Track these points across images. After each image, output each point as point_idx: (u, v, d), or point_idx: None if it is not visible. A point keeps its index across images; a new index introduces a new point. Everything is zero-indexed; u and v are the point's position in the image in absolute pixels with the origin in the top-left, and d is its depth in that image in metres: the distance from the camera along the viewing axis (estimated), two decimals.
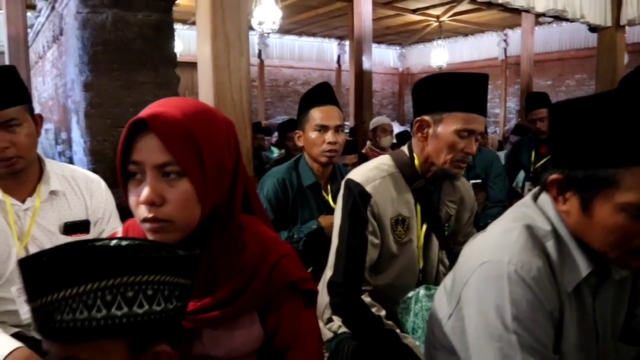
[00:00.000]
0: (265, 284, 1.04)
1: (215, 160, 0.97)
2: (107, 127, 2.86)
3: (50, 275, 0.66)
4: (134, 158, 0.94)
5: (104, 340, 0.67)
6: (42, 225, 1.59)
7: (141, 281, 0.68)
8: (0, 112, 1.45)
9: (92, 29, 2.88)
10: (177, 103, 0.98)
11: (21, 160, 1.51)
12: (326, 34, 13.44)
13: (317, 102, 2.21)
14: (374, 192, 1.58)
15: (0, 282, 1.54)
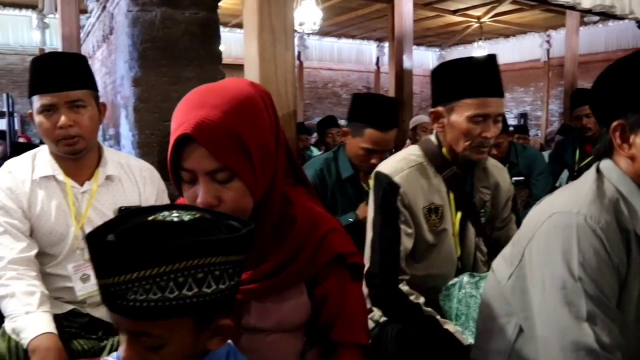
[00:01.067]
0: (312, 256, 1.07)
1: (262, 150, 0.99)
2: (154, 121, 2.95)
3: (124, 257, 0.68)
4: (185, 166, 0.97)
5: (172, 318, 0.71)
6: (98, 208, 1.66)
7: (210, 263, 0.70)
8: (69, 92, 1.55)
9: (141, 26, 2.97)
10: (215, 100, 0.96)
11: (82, 140, 1.58)
12: (365, 35, 13.45)
13: (378, 123, 2.18)
14: (402, 182, 1.59)
15: (57, 259, 1.62)
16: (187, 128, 0.93)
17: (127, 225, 0.74)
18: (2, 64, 10.82)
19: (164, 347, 0.72)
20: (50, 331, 1.41)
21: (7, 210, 1.55)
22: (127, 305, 0.68)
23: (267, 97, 1.05)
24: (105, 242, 0.70)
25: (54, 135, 1.56)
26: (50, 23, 10.35)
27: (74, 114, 1.56)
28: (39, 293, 1.48)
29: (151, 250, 0.67)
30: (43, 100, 1.55)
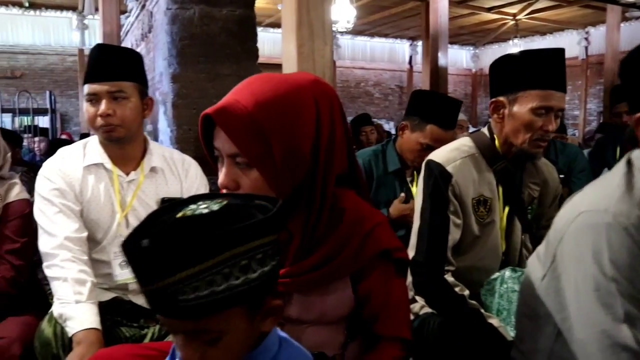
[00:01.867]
0: (358, 250, 1.07)
1: (289, 148, 0.98)
2: (192, 116, 2.99)
3: (164, 260, 0.66)
4: (214, 144, 1.01)
5: (224, 310, 0.70)
6: (142, 198, 1.70)
7: (251, 248, 0.70)
8: (112, 82, 1.61)
9: (180, 23, 3.02)
10: (257, 88, 0.98)
11: (120, 129, 1.63)
12: (398, 34, 13.37)
13: (443, 121, 2.19)
14: (455, 172, 1.57)
15: (101, 245, 1.66)
16: (212, 109, 0.96)
17: (159, 226, 0.72)
18: (44, 64, 11.14)
19: (222, 339, 0.72)
20: (95, 327, 1.45)
21: (62, 192, 1.61)
22: (178, 307, 0.67)
23: (325, 99, 1.04)
24: (142, 249, 0.67)
25: (95, 123, 1.63)
26: (89, 24, 10.63)
27: (114, 104, 1.62)
28: (90, 283, 1.52)
29: (191, 248, 0.66)
30: (89, 89, 1.63)
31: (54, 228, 1.57)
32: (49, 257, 1.55)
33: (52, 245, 1.55)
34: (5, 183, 1.81)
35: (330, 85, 1.10)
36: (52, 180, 1.62)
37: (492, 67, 1.63)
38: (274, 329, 0.82)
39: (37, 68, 11.07)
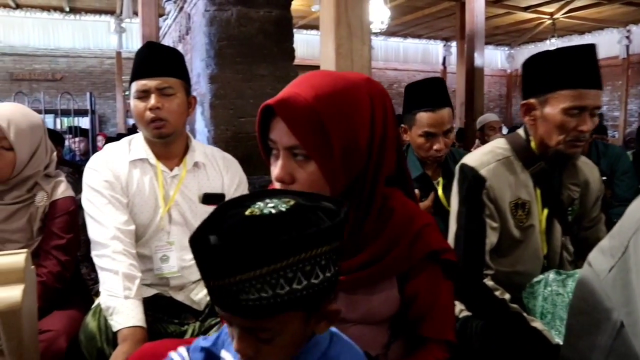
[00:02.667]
0: (406, 251, 1.06)
1: (346, 143, 0.98)
2: (229, 117, 3.03)
3: (232, 260, 0.67)
4: (270, 136, 1.01)
5: (285, 312, 0.71)
6: (184, 193, 1.72)
7: (317, 254, 0.70)
8: (161, 78, 1.65)
9: (218, 25, 3.06)
10: (317, 82, 0.99)
11: (168, 124, 1.66)
12: (432, 35, 13.27)
13: (426, 103, 2.14)
14: (489, 176, 1.55)
15: (143, 239, 1.69)
16: (274, 100, 0.97)
17: (227, 223, 0.73)
18: (83, 67, 11.44)
19: (277, 337, 0.73)
20: (141, 325, 1.47)
21: (111, 184, 1.65)
22: (240, 305, 0.68)
23: (379, 97, 1.04)
24: (210, 247, 0.69)
25: (145, 118, 1.65)
26: (126, 27, 10.87)
27: (163, 99, 1.65)
28: (138, 279, 1.55)
29: (258, 250, 0.66)
30: (138, 85, 1.66)
31: (104, 218, 1.60)
32: (99, 247, 1.58)
33: (104, 235, 1.58)
34: (52, 181, 1.85)
35: (382, 85, 1.10)
36: (100, 172, 1.66)
37: (522, 68, 1.60)
38: None
39: (77, 71, 11.38)
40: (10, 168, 1.73)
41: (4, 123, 1.70)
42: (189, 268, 1.72)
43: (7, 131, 1.69)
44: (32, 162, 1.78)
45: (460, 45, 8.56)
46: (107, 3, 10.12)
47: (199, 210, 1.73)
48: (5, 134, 1.69)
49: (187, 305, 1.72)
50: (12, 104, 1.85)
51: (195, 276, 1.74)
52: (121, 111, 10.59)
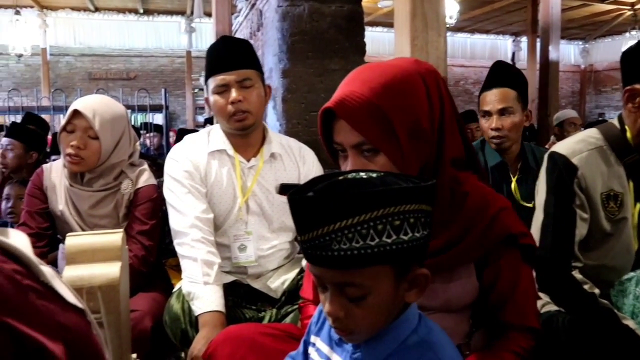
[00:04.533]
0: (483, 235, 1.04)
1: (410, 128, 0.98)
2: (301, 111, 3.06)
3: (326, 209, 0.71)
4: (335, 139, 1.02)
5: (375, 266, 0.73)
6: (261, 183, 1.76)
7: (405, 210, 0.72)
8: (239, 71, 1.67)
9: (290, 20, 3.10)
10: (367, 76, 0.99)
11: (250, 116, 1.69)
12: (500, 30, 12.90)
13: (486, 86, 2.18)
14: (581, 165, 1.49)
15: (222, 228, 1.74)
16: (331, 103, 0.98)
17: (322, 184, 0.78)
18: (155, 66, 11.89)
19: (367, 297, 0.75)
20: (221, 310, 1.52)
21: (190, 174, 1.70)
22: (332, 256, 0.71)
23: (430, 76, 1.04)
24: (308, 198, 0.74)
25: (227, 112, 1.68)
26: (196, 27, 11.20)
27: (243, 91, 1.68)
28: (217, 265, 1.60)
29: (351, 200, 0.70)
30: (217, 80, 1.68)
31: (184, 207, 1.66)
32: (180, 235, 1.64)
33: (184, 223, 1.64)
34: (136, 169, 1.94)
35: (429, 63, 1.09)
36: (180, 162, 1.72)
37: (626, 55, 1.52)
38: (413, 304, 0.82)
39: (149, 70, 11.84)
40: (97, 156, 1.82)
41: (90, 113, 1.79)
42: (266, 257, 1.75)
43: (92, 121, 1.79)
44: (117, 151, 1.88)
45: (531, 40, 8.29)
46: (178, 4, 10.46)
47: (276, 200, 1.76)
48: (91, 123, 1.79)
49: (264, 293, 1.75)
50: (97, 96, 1.95)
51: (272, 265, 1.78)
52: (190, 108, 10.93)
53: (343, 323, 0.77)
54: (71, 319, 0.71)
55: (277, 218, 1.77)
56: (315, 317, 0.96)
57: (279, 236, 1.79)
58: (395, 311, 0.79)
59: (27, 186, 1.95)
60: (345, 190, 0.74)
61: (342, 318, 0.76)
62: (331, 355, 0.89)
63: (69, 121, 1.82)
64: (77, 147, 1.79)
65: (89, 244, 1.13)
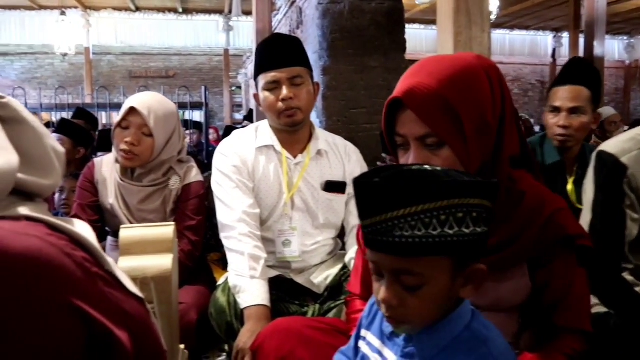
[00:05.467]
0: (538, 235, 1.02)
1: (476, 122, 0.97)
2: (341, 108, 3.07)
3: (392, 195, 0.72)
4: (398, 131, 1.01)
5: (435, 256, 0.73)
6: (307, 180, 1.77)
7: (469, 204, 0.72)
8: (290, 68, 1.68)
9: (331, 17, 3.11)
10: (433, 68, 0.99)
11: (300, 112, 1.71)
12: (540, 26, 12.63)
13: (559, 81, 2.12)
14: (630, 164, 1.45)
15: (267, 223, 1.76)
16: (399, 93, 0.97)
17: (388, 172, 0.78)
18: (193, 64, 12.09)
19: (423, 286, 0.75)
20: (266, 304, 1.54)
21: (238, 169, 1.73)
22: (393, 242, 0.72)
23: (492, 70, 1.03)
24: (374, 183, 0.74)
25: (277, 108, 1.69)
26: (234, 26, 11.33)
27: (294, 88, 1.69)
28: (263, 260, 1.62)
29: (417, 188, 0.71)
30: (268, 77, 1.69)
31: (232, 201, 1.68)
32: (227, 229, 1.67)
33: (231, 218, 1.66)
34: (185, 166, 1.98)
35: (490, 59, 1.08)
36: (229, 157, 1.74)
37: None
38: (467, 300, 0.82)
39: (188, 68, 12.05)
40: (150, 152, 1.87)
41: (145, 111, 1.83)
42: (310, 253, 1.77)
43: (147, 118, 1.83)
44: (168, 148, 1.92)
45: (574, 36, 8.08)
46: (216, 3, 10.60)
47: (321, 197, 1.77)
48: (146, 121, 1.83)
49: (307, 288, 1.77)
50: (151, 93, 1.99)
51: (315, 260, 1.79)
52: (228, 106, 11.07)
53: (396, 312, 0.77)
54: (134, 307, 0.74)
55: (322, 215, 1.78)
56: (367, 310, 0.97)
57: (322, 232, 1.80)
58: (448, 305, 0.79)
59: (78, 179, 2.02)
60: (411, 179, 0.75)
61: (395, 306, 0.77)
62: (382, 349, 0.89)
63: (124, 118, 1.86)
64: (131, 144, 1.83)
65: (142, 236, 1.16)
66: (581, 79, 2.06)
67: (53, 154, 0.74)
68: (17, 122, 0.72)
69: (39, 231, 0.62)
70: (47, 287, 0.58)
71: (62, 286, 0.60)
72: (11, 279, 0.55)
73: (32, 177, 0.69)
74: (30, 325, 0.56)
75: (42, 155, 0.72)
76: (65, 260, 0.62)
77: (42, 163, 0.72)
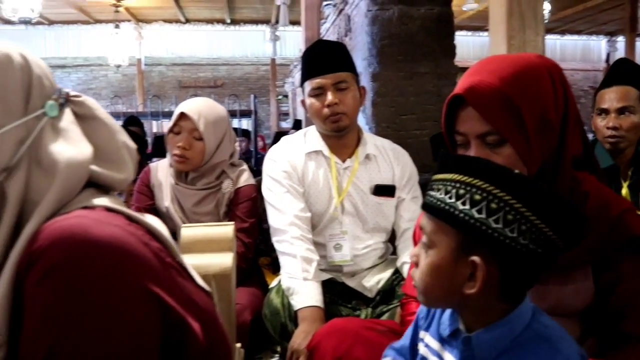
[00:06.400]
0: (603, 238, 0.99)
1: (539, 120, 0.96)
2: (390, 114, 3.07)
3: (441, 163, 0.81)
4: (458, 129, 1.01)
5: (443, 222, 0.77)
6: (356, 184, 1.78)
7: (491, 191, 0.73)
8: (335, 74, 1.71)
9: (380, 24, 3.12)
10: (494, 67, 0.98)
11: (345, 117, 1.72)
12: (593, 30, 12.26)
13: (605, 83, 2.07)
14: None
15: (317, 228, 1.78)
16: (460, 90, 0.97)
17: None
18: (241, 74, 12.33)
19: (431, 249, 0.79)
20: (319, 305, 1.56)
21: (289, 174, 1.76)
22: (426, 200, 0.81)
23: (555, 69, 1.02)
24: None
25: (322, 114, 1.72)
26: (280, 35, 11.49)
27: (339, 94, 1.71)
28: (315, 262, 1.64)
29: (453, 160, 0.79)
30: (313, 83, 1.73)
31: (283, 206, 1.71)
32: (279, 233, 1.70)
33: (283, 221, 1.69)
34: (237, 169, 2.03)
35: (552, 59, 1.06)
36: (279, 163, 1.78)
37: None
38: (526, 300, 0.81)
39: (235, 77, 12.29)
40: (201, 156, 1.92)
41: (195, 115, 1.89)
42: (361, 256, 1.77)
43: (197, 123, 1.88)
44: (219, 151, 1.96)
45: (630, 39, 7.83)
46: (263, 13, 10.78)
47: (370, 201, 1.78)
48: (196, 125, 1.88)
49: (359, 291, 1.77)
50: (201, 99, 2.05)
51: (366, 264, 1.79)
52: (274, 114, 11.22)
53: (415, 272, 0.83)
54: (203, 299, 0.77)
55: (372, 219, 1.78)
56: (424, 311, 0.96)
57: (373, 236, 1.80)
58: (453, 291, 0.78)
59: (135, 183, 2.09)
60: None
61: (414, 263, 0.83)
62: (442, 352, 0.88)
63: (175, 123, 1.93)
64: (182, 148, 1.89)
65: (203, 234, 1.19)
66: (628, 78, 2.01)
67: (125, 150, 0.79)
68: (92, 118, 0.76)
69: (119, 221, 0.66)
70: (128, 272, 0.62)
71: (141, 272, 0.63)
72: (98, 263, 0.59)
73: (106, 171, 0.74)
74: (114, 309, 0.60)
75: (115, 150, 0.77)
76: (144, 249, 0.65)
77: (115, 157, 0.76)
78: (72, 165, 0.67)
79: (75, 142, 0.70)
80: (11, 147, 0.66)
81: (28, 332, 0.58)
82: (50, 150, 0.68)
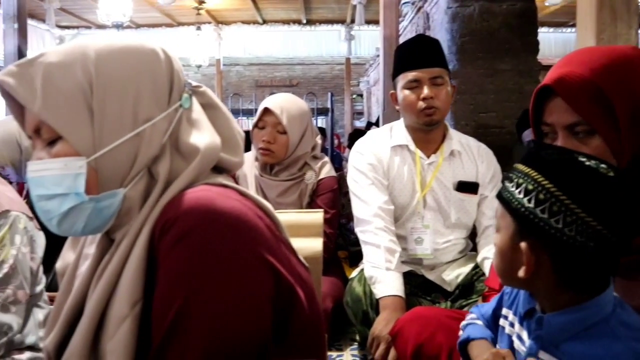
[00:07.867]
0: None
1: (631, 112, 0.93)
2: (469, 112, 3.05)
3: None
4: (545, 120, 1.01)
5: (503, 209, 0.82)
6: (440, 180, 1.80)
7: (538, 181, 0.76)
8: (431, 69, 1.74)
9: (460, 21, 3.11)
10: (585, 58, 0.97)
11: (438, 112, 1.75)
12: None
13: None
14: None
15: (399, 221, 1.81)
16: (549, 80, 0.97)
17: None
18: (315, 73, 12.49)
19: (498, 231, 0.84)
20: (401, 295, 1.60)
21: (374, 167, 1.81)
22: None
23: None
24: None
25: (417, 107, 1.75)
26: (355, 35, 11.53)
27: (434, 88, 1.73)
28: (398, 253, 1.68)
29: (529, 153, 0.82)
30: (409, 76, 1.75)
31: (368, 197, 1.76)
32: (363, 223, 1.75)
33: (368, 212, 1.74)
34: (319, 162, 2.10)
35: None
36: (365, 155, 1.82)
37: None
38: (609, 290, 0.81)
39: (310, 77, 12.47)
40: (285, 149, 2.01)
41: (278, 110, 1.98)
42: (441, 250, 1.79)
43: (280, 117, 1.97)
44: (302, 144, 2.05)
45: None
46: (339, 13, 10.86)
47: (453, 197, 1.79)
48: (279, 119, 1.97)
49: (438, 284, 1.79)
50: (283, 94, 2.15)
51: (446, 258, 1.81)
52: (349, 113, 11.28)
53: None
54: (305, 274, 0.83)
55: (454, 214, 1.80)
56: (508, 289, 0.98)
57: (454, 232, 1.81)
58: (511, 273, 0.81)
59: None
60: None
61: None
62: (521, 331, 0.91)
63: (260, 118, 2.03)
64: (267, 142, 1.99)
65: (294, 220, 1.26)
66: None
67: (239, 135, 0.86)
68: (212, 107, 0.85)
69: (236, 196, 0.74)
70: (248, 240, 0.69)
71: (257, 241, 0.70)
72: (223, 230, 0.67)
73: (226, 155, 0.82)
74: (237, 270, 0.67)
75: (232, 135, 0.85)
76: (258, 221, 0.73)
77: (232, 142, 0.84)
78: (207, 154, 0.76)
79: (206, 131, 0.79)
80: (160, 136, 0.75)
81: (162, 290, 0.66)
82: (187, 139, 0.76)
